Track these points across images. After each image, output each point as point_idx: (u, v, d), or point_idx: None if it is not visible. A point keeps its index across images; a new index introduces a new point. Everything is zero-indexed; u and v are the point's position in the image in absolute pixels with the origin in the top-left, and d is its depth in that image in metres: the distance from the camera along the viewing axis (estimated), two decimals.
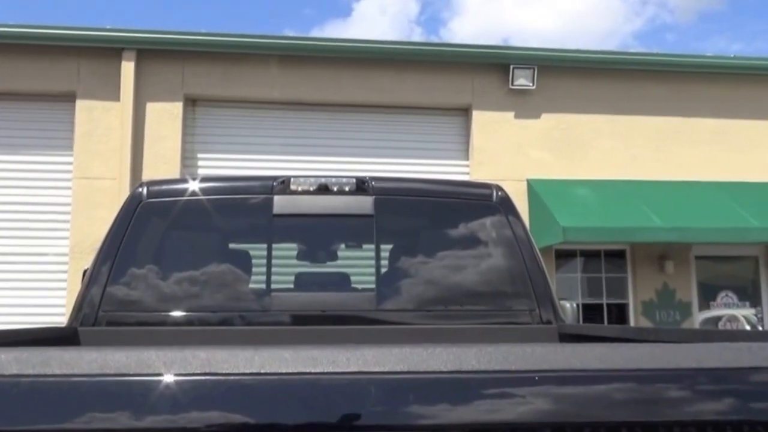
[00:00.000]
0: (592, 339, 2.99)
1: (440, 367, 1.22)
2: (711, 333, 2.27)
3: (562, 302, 3.71)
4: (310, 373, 1.22)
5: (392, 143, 10.97)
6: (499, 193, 3.75)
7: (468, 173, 10.97)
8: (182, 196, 3.59)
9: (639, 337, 2.60)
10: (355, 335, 3.29)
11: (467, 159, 11.08)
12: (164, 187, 3.67)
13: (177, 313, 3.39)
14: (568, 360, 1.24)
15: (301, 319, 3.43)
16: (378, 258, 3.66)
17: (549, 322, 3.51)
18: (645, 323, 10.79)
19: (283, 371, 1.22)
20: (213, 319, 3.39)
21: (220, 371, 1.23)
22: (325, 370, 1.22)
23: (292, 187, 3.59)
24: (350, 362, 1.21)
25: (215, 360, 1.22)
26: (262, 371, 1.22)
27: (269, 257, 3.66)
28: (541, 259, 3.68)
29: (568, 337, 3.34)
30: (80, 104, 10.24)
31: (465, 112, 11.19)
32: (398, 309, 3.49)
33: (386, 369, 1.21)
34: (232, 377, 1.23)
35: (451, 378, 1.23)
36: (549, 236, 9.76)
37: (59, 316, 9.54)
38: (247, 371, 1.23)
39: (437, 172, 10.71)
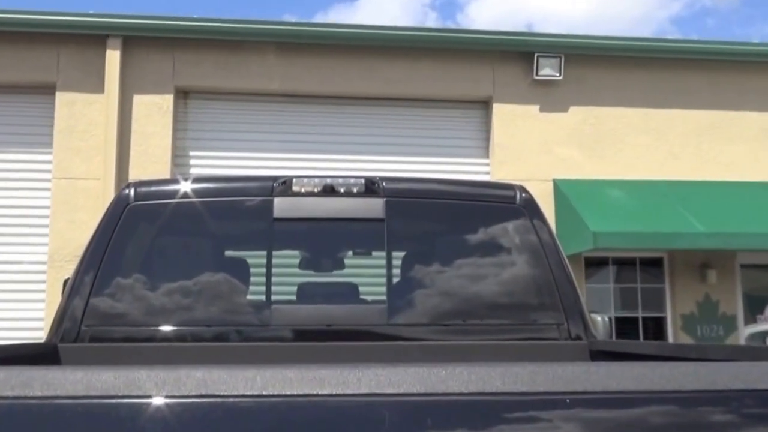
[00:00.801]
0: (627, 357, 2.98)
1: (461, 389, 1.21)
2: (760, 350, 2.26)
3: (592, 316, 3.70)
4: (316, 395, 1.22)
5: (404, 140, 10.97)
6: (523, 195, 3.75)
7: (488, 173, 10.96)
8: (173, 198, 3.60)
9: (679, 354, 2.59)
10: (365, 352, 3.29)
11: (487, 157, 11.07)
12: (153, 188, 3.68)
13: (168, 328, 3.40)
14: (603, 381, 1.23)
15: (304, 334, 3.43)
16: (389, 267, 3.66)
17: (579, 338, 3.51)
18: (685, 339, 10.75)
19: (288, 393, 1.22)
20: (207, 335, 3.40)
21: (217, 393, 1.23)
22: (334, 392, 1.22)
23: (295, 188, 3.60)
24: (361, 383, 1.21)
25: (212, 380, 1.22)
26: (264, 393, 1.22)
27: (269, 266, 3.66)
28: (570, 267, 3.68)
29: (601, 354, 3.33)
30: (60, 97, 10.29)
31: (485, 105, 11.19)
32: (412, 323, 3.49)
33: (401, 390, 1.21)
34: (230, 399, 1.23)
35: (473, 400, 1.22)
36: (578, 242, 9.74)
37: (37, 331, 9.57)
38: (248, 393, 1.22)
39: (454, 172, 10.72)
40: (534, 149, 10.91)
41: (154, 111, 10.39)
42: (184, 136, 10.68)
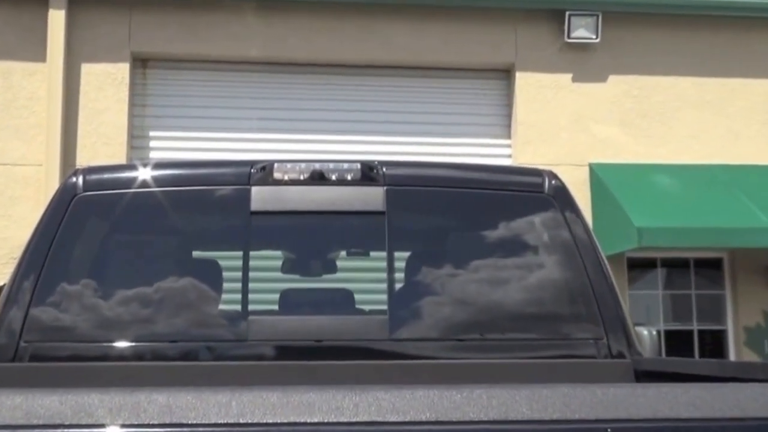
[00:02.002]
0: (678, 378, 2.99)
1: (480, 415, 1.21)
2: None
3: (637, 329, 3.72)
4: (305, 424, 1.22)
5: (409, 116, 10.97)
6: (553, 182, 3.77)
7: (510, 156, 10.97)
8: (130, 187, 3.61)
9: (743, 375, 2.59)
10: (363, 373, 3.30)
11: (509, 137, 11.07)
12: (106, 175, 3.69)
13: (124, 344, 3.41)
14: (651, 406, 1.23)
15: (288, 351, 3.45)
16: (391, 270, 3.66)
17: (621, 356, 3.52)
18: (750, 356, 10.76)
19: (270, 421, 1.22)
20: (172, 352, 3.41)
21: (184, 420, 1.23)
22: (326, 420, 1.22)
23: (276, 174, 3.61)
24: (359, 409, 1.21)
25: (178, 406, 1.22)
26: (242, 421, 1.22)
27: (246, 269, 3.67)
28: (610, 270, 3.68)
29: (647, 375, 3.34)
30: None
31: (506, 74, 11.19)
32: (419, 338, 3.50)
33: (408, 418, 1.21)
34: (201, 429, 1.23)
35: (495, 429, 1.21)
36: (619, 240, 9.74)
37: None
38: (221, 421, 1.23)
39: (469, 155, 10.71)
40: (565, 127, 10.91)
41: (106, 83, 10.38)
42: (143, 113, 10.68)
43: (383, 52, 10.85)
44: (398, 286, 3.73)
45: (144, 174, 3.65)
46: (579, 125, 10.95)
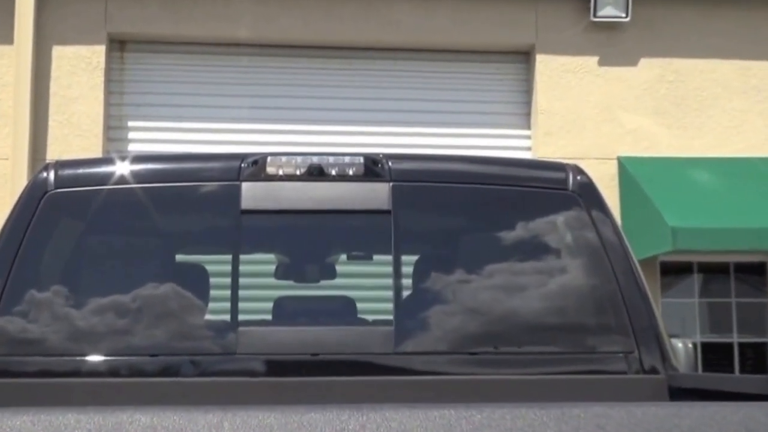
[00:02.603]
0: (718, 396, 2.98)
1: None
2: None
3: (672, 341, 3.71)
4: None
5: (417, 104, 10.97)
6: (578, 178, 3.77)
7: (529, 148, 10.96)
8: (106, 183, 3.62)
9: None
10: (366, 390, 3.30)
11: (528, 127, 11.07)
12: (80, 170, 3.71)
13: (99, 358, 3.41)
14: (689, 427, 1.22)
15: (282, 366, 3.45)
16: (398, 275, 3.66)
17: (654, 371, 3.51)
18: None
19: None
20: (152, 367, 3.42)
21: None
22: None
23: (270, 169, 3.62)
24: (366, 431, 1.20)
25: (164, 427, 1.22)
26: None
27: (235, 274, 3.67)
28: (642, 275, 3.68)
29: (683, 392, 3.33)
30: None
31: (525, 57, 11.18)
32: (428, 351, 3.51)
33: None
34: None
35: None
36: (651, 242, 9.73)
37: None
38: None
39: (484, 147, 10.70)
40: (591, 117, 10.90)
41: (80, 67, 10.38)
42: (121, 101, 10.68)
43: (387, 32, 10.84)
44: (405, 293, 3.72)
45: (122, 169, 3.65)
46: (606, 114, 10.93)
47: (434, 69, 11.09)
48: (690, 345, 3.86)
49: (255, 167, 3.62)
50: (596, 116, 10.91)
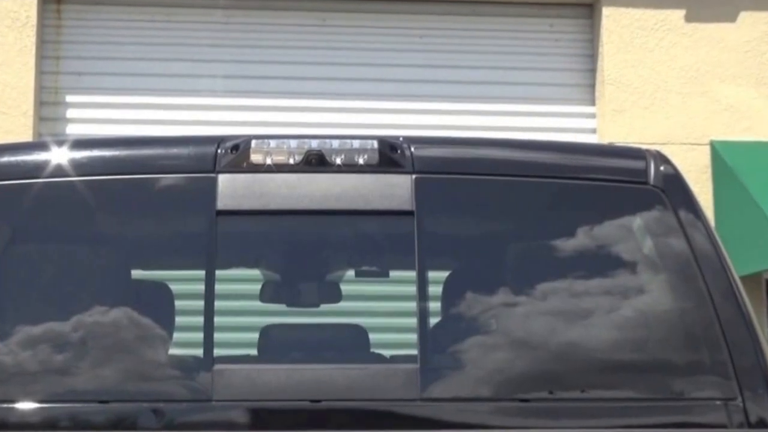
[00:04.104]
0: None
1: None
2: None
3: None
4: None
5: (446, 72, 10.97)
6: (661, 168, 3.77)
7: (594, 129, 10.95)
8: (39, 176, 3.62)
9: None
10: None
11: (592, 102, 11.05)
12: (5, 158, 3.70)
13: (31, 406, 3.39)
14: None
15: (272, 417, 3.45)
16: (423, 296, 3.64)
17: (763, 424, 3.48)
18: None
19: None
20: (100, 418, 3.40)
21: None
22: None
23: (254, 157, 3.62)
24: None
25: None
26: None
27: (210, 296, 3.64)
28: (745, 296, 3.66)
29: None
30: None
31: (588, 9, 11.19)
32: (464, 397, 3.49)
33: None
34: None
35: None
36: (755, 253, 9.71)
37: None
38: None
39: (534, 129, 10.71)
40: (676, 89, 10.88)
41: (4, 25, 10.41)
42: (57, 69, 10.71)
43: None
44: (433, 320, 3.72)
45: (59, 156, 3.66)
46: (696, 85, 10.91)
47: (467, 25, 11.09)
48: None
49: (235, 154, 3.61)
50: (682, 88, 10.89)
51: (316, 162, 3.60)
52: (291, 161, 3.60)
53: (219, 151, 3.62)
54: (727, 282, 3.59)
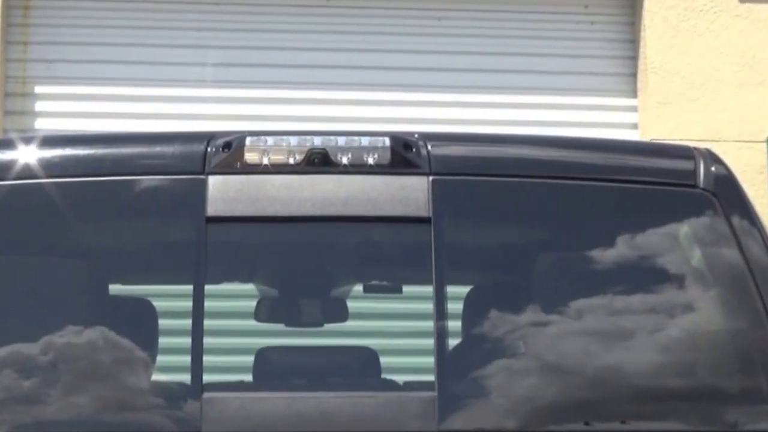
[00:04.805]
0: None
1: None
2: None
3: None
4: None
5: (467, 59, 10.97)
6: (713, 169, 3.78)
7: (636, 124, 10.95)
8: (4, 177, 3.63)
9: None
10: None
11: (634, 93, 11.05)
12: None
13: None
14: None
15: None
16: (441, 314, 3.63)
17: None
18: None
19: None
20: None
21: None
22: None
23: (249, 156, 3.63)
24: None
25: None
26: None
27: (198, 314, 3.65)
28: None
29: None
30: None
31: None
32: (486, 430, 3.48)
33: None
34: None
35: None
36: None
37: None
38: None
39: (566, 123, 10.70)
40: (728, 78, 10.88)
41: None
42: (24, 56, 10.74)
43: None
44: (452, 342, 3.71)
45: (27, 155, 3.67)
46: (752, 74, 10.91)
47: (491, 6, 11.11)
48: None
49: (227, 153, 3.63)
50: (735, 78, 10.89)
51: (319, 162, 3.61)
52: (291, 161, 3.61)
53: (209, 149, 3.63)
54: None
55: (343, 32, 10.92)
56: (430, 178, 3.61)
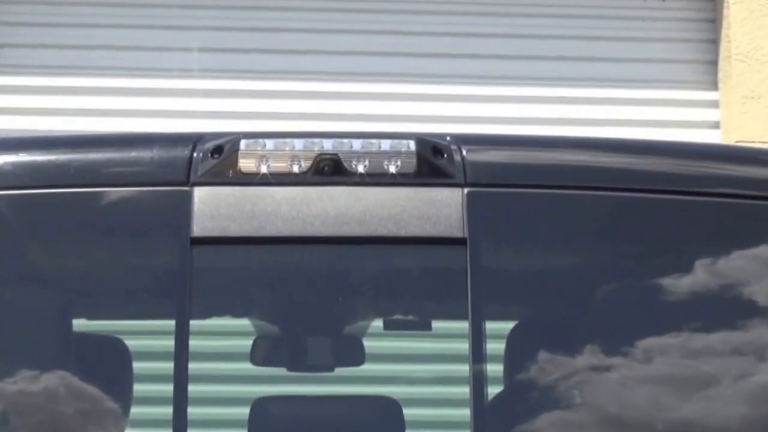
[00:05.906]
0: None
1: None
2: None
3: None
4: None
5: (509, 44, 11.00)
6: None
7: (717, 123, 10.95)
8: None
9: None
10: None
11: (715, 86, 11.06)
12: None
13: None
14: None
15: None
16: (478, 357, 3.63)
17: None
18: None
19: None
20: None
21: None
22: None
23: (244, 163, 3.64)
24: None
25: None
26: None
27: (181, 356, 3.66)
28: None
29: None
30: None
31: None
32: None
33: None
34: None
35: None
36: None
37: None
38: None
39: (631, 122, 10.72)
40: None
41: None
42: None
43: None
44: (492, 390, 3.70)
45: None
46: None
47: None
48: None
49: (217, 160, 3.63)
50: None
51: (329, 170, 3.61)
52: (295, 169, 3.61)
53: (195, 154, 3.63)
54: None
55: (359, 10, 10.94)
56: (465, 190, 3.60)
